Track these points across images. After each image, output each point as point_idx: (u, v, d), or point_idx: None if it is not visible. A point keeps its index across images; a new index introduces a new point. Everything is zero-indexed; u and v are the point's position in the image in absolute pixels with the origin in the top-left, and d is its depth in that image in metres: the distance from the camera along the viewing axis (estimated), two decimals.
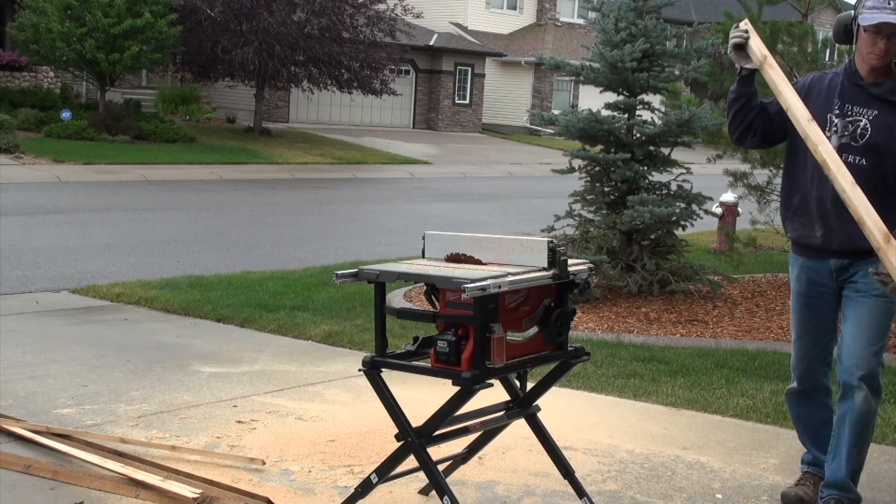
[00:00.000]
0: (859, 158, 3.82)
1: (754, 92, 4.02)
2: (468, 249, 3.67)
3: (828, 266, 3.98)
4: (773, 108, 3.98)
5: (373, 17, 26.06)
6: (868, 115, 3.84)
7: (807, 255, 4.04)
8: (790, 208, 4.05)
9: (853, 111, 3.85)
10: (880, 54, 3.74)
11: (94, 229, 12.37)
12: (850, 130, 3.84)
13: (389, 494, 4.09)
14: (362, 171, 23.40)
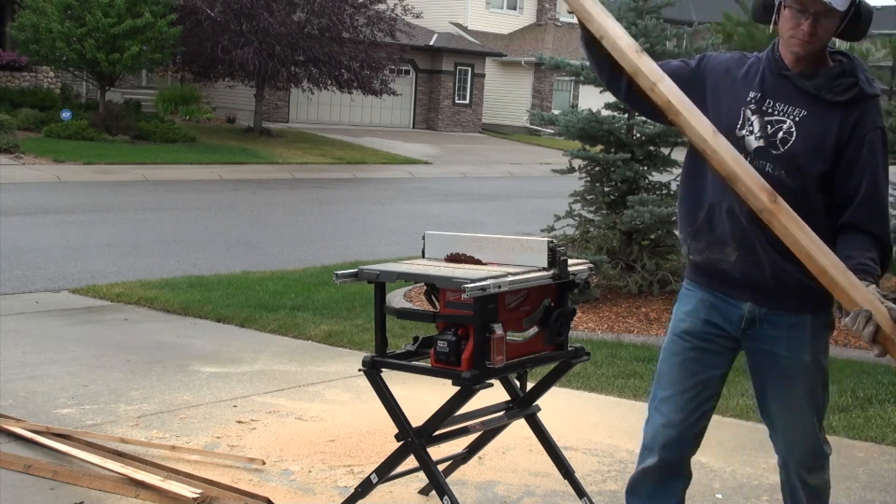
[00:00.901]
0: (778, 170, 2.89)
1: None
2: (468, 249, 3.67)
3: (739, 311, 3.01)
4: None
5: (373, 17, 26.05)
6: (794, 116, 2.93)
7: (714, 287, 3.05)
8: (692, 224, 3.05)
9: (775, 108, 2.95)
10: (804, 38, 2.83)
11: (94, 229, 12.37)
12: (770, 132, 2.93)
13: (389, 494, 4.09)
14: (362, 171, 23.40)
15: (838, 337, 7.25)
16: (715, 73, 3.04)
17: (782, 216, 2.72)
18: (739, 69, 3.04)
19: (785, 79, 2.95)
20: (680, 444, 3.09)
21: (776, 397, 3.09)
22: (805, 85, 2.92)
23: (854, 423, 5.23)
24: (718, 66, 3.06)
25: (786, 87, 2.95)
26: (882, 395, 5.76)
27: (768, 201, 2.73)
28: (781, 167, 2.91)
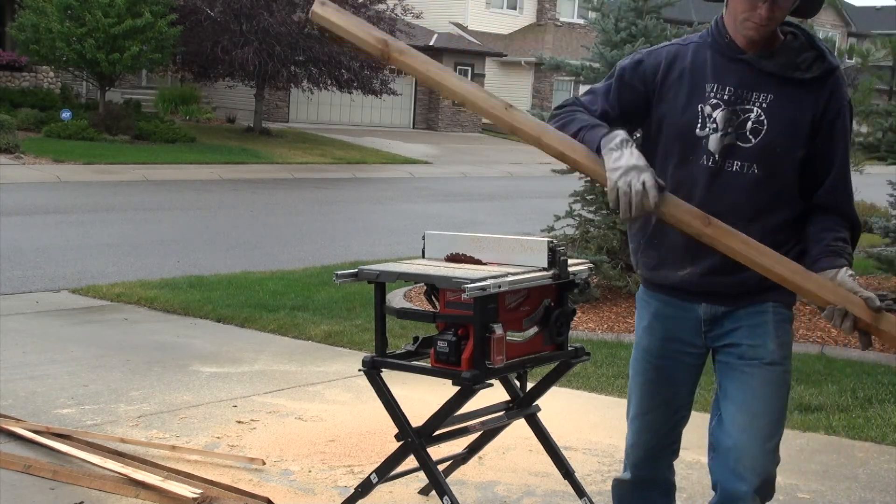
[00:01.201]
0: (749, 165, 2.65)
1: None
2: (468, 249, 3.67)
3: (695, 314, 2.79)
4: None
5: (373, 17, 26.03)
6: (760, 102, 2.65)
7: (665, 294, 2.84)
8: (644, 235, 2.83)
9: (738, 97, 2.66)
10: (760, 22, 2.57)
11: (94, 229, 12.37)
12: (737, 125, 2.65)
13: (389, 494, 4.09)
14: (362, 171, 23.40)
15: (838, 337, 7.26)
16: (653, 75, 2.74)
17: (722, 237, 2.55)
18: (683, 61, 2.73)
19: (741, 62, 2.66)
20: (652, 462, 3.00)
21: (736, 395, 2.76)
22: (766, 66, 2.64)
23: (854, 423, 5.23)
24: (654, 67, 2.75)
25: (744, 71, 2.66)
26: (882, 395, 5.76)
27: (702, 225, 2.53)
28: (754, 161, 2.65)
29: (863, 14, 50.09)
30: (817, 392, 5.77)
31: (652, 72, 2.76)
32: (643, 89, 2.76)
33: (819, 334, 7.34)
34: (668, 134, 2.74)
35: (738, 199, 2.66)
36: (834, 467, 4.65)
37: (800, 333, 7.27)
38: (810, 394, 5.74)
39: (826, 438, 5.05)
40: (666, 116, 2.74)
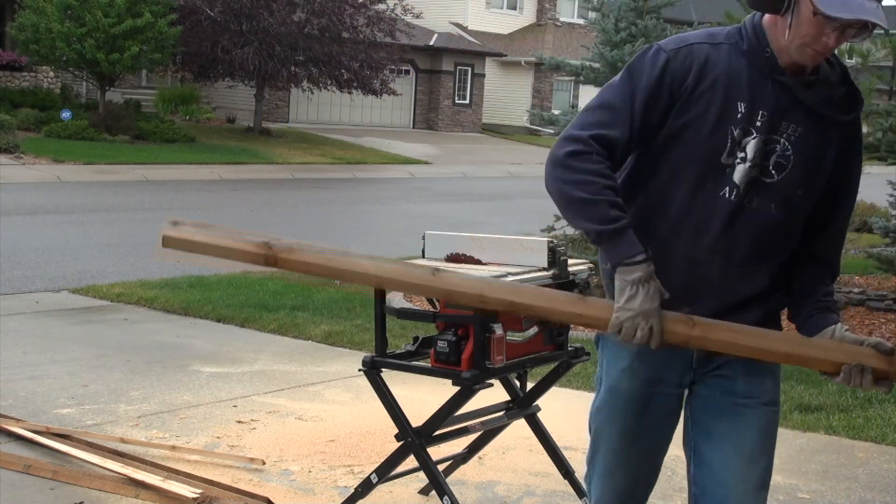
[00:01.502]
0: (768, 203, 2.35)
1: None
2: (468, 249, 3.67)
3: (687, 352, 2.45)
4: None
5: (373, 17, 26.05)
6: (789, 134, 2.34)
7: None
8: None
9: (771, 125, 2.32)
10: (823, 52, 2.26)
11: (94, 229, 12.37)
12: (762, 156, 2.33)
13: (389, 494, 4.09)
14: (362, 171, 23.40)
15: None
16: (681, 81, 2.33)
17: (711, 332, 2.31)
18: (715, 68, 2.32)
19: (779, 85, 2.32)
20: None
21: (728, 438, 2.46)
22: (804, 96, 2.32)
23: (854, 423, 5.23)
24: (683, 72, 2.32)
25: (780, 95, 2.32)
26: (882, 395, 5.75)
27: (689, 329, 2.29)
28: (773, 199, 2.35)
29: None
30: (817, 392, 5.77)
31: (681, 77, 2.32)
32: (668, 102, 2.33)
33: None
34: (685, 155, 2.34)
35: (755, 240, 2.37)
36: (834, 467, 4.65)
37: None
38: (810, 394, 5.74)
39: (826, 438, 5.05)
40: (686, 133, 2.33)
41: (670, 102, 2.33)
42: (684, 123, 2.33)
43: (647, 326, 2.25)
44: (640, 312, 2.25)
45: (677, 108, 2.32)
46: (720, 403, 2.48)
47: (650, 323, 2.25)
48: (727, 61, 2.33)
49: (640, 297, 2.25)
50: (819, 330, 2.42)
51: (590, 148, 2.30)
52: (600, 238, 2.30)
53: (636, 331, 2.25)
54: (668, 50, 2.35)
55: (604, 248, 2.33)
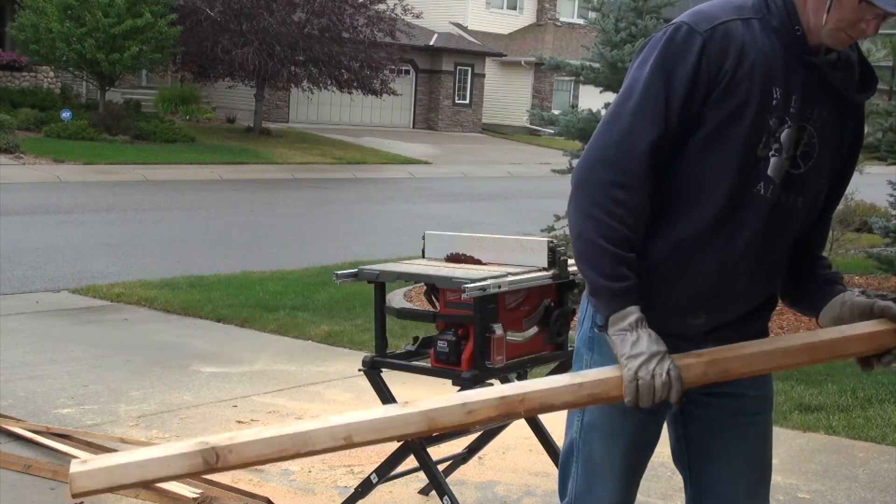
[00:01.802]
0: (795, 197, 2.15)
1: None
2: (468, 249, 3.67)
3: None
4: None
5: (373, 17, 26.05)
6: (815, 119, 2.13)
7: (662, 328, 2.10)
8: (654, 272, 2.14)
9: (803, 111, 2.11)
10: (857, 37, 2.07)
11: (94, 229, 12.37)
12: (795, 146, 2.11)
13: (389, 494, 4.09)
14: (362, 171, 23.40)
15: None
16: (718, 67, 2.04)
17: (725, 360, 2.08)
18: (752, 46, 2.05)
19: (811, 68, 2.10)
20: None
21: (734, 459, 2.28)
22: (834, 78, 2.12)
23: (854, 423, 5.23)
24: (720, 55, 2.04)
25: (811, 79, 2.10)
26: (882, 395, 5.76)
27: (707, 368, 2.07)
28: (799, 193, 2.14)
29: None
30: (817, 392, 5.77)
31: (718, 62, 2.04)
32: (706, 92, 2.05)
33: None
34: (723, 151, 2.06)
35: (786, 238, 2.19)
36: (834, 467, 4.65)
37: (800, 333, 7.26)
38: (810, 394, 5.74)
39: (826, 438, 5.05)
40: (726, 127, 2.06)
41: (707, 92, 2.05)
42: (724, 115, 2.05)
43: (664, 371, 1.99)
44: (651, 354, 2.00)
45: (714, 99, 2.05)
46: (726, 424, 2.27)
47: (666, 366, 2.00)
48: (761, 40, 2.07)
49: (645, 339, 2.03)
50: (827, 302, 2.24)
51: (623, 178, 2.04)
52: (597, 292, 2.09)
53: (654, 379, 1.99)
54: (703, 31, 2.04)
55: (597, 300, 2.11)
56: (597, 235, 2.05)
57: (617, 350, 2.04)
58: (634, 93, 2.07)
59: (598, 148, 2.09)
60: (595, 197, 2.06)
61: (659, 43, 2.08)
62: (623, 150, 2.05)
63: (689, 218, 2.11)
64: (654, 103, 2.05)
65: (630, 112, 2.07)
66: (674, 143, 2.09)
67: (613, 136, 2.07)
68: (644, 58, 2.10)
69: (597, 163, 2.08)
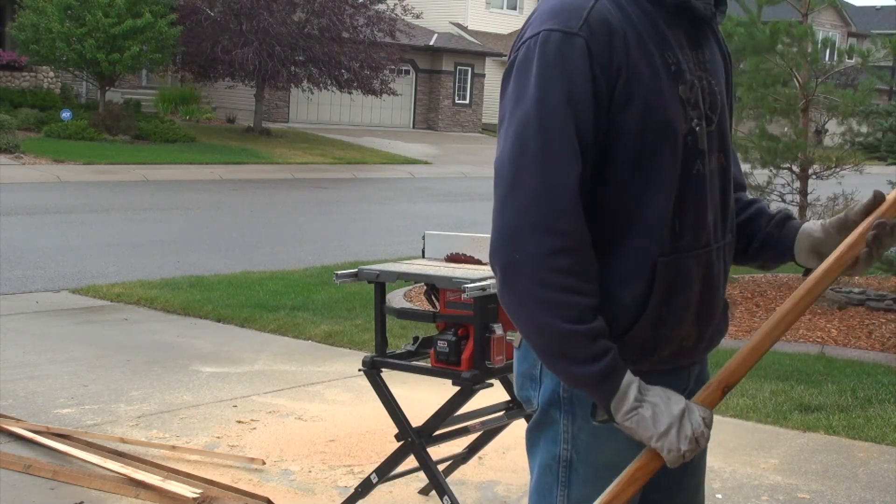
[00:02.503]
0: (721, 156, 1.85)
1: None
2: (468, 249, 3.67)
3: (683, 381, 1.89)
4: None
5: (373, 17, 26.07)
6: (705, 61, 1.84)
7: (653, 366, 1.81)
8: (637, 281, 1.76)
9: (697, 62, 1.81)
10: None
11: (94, 229, 12.37)
12: (704, 102, 1.79)
13: (389, 494, 4.09)
14: (362, 171, 23.40)
15: (838, 337, 7.26)
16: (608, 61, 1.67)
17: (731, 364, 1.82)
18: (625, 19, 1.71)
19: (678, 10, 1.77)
20: None
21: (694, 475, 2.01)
22: (697, 9, 1.79)
23: (854, 423, 5.23)
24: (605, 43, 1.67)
25: (684, 22, 1.80)
26: (882, 395, 5.76)
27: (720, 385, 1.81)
28: (721, 150, 1.85)
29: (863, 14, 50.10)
30: (817, 392, 5.77)
31: (607, 61, 1.67)
32: (608, 100, 1.69)
33: (819, 334, 7.34)
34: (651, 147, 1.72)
35: (724, 207, 1.89)
36: (834, 467, 4.65)
37: (800, 333, 7.27)
38: (810, 394, 5.74)
39: (826, 438, 5.05)
40: (643, 121, 1.71)
41: (610, 99, 1.68)
42: (638, 112, 1.69)
43: (698, 425, 1.71)
44: (677, 418, 1.70)
45: (619, 102, 1.68)
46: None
47: (696, 418, 1.71)
48: (626, 6, 1.72)
49: (661, 405, 1.71)
50: (794, 238, 1.95)
51: (559, 242, 1.67)
52: (580, 382, 1.71)
53: (696, 441, 1.70)
54: (577, 30, 1.66)
55: (586, 391, 1.73)
56: (558, 320, 1.66)
57: (640, 435, 1.70)
58: (527, 136, 1.68)
59: (514, 215, 1.73)
60: (535, 276, 1.67)
61: (530, 66, 1.68)
62: (546, 206, 1.67)
63: (646, 234, 1.75)
64: (558, 139, 1.66)
65: (533, 160, 1.68)
66: (595, 168, 1.72)
67: (526, 195, 1.70)
68: (516, 92, 1.70)
69: (520, 234, 1.71)
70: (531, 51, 1.68)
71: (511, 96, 1.72)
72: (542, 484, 1.87)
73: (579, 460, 1.83)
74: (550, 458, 1.85)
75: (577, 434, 1.82)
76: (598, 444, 1.81)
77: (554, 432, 1.84)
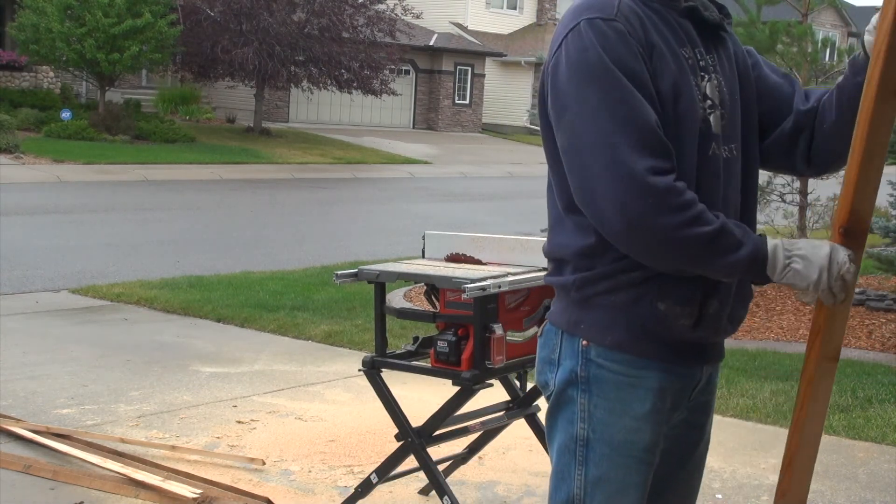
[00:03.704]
0: (732, 147, 2.00)
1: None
2: (468, 249, 3.67)
3: (697, 377, 2.02)
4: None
5: (373, 17, 26.07)
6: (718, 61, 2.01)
7: (667, 360, 1.94)
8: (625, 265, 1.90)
9: (708, 59, 1.99)
10: None
11: (94, 229, 12.37)
12: (717, 95, 1.96)
13: (389, 494, 4.09)
14: (362, 171, 23.40)
15: None
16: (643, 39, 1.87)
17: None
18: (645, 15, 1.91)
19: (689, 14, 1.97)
20: None
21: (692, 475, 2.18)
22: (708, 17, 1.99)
23: (854, 423, 5.23)
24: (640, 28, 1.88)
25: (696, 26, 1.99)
26: (882, 395, 5.76)
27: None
28: (733, 140, 2.00)
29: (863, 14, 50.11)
30: None
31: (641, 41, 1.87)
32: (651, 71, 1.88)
33: None
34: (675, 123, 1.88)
35: (737, 192, 2.03)
36: (834, 467, 4.65)
37: (800, 333, 7.27)
38: None
39: (826, 438, 5.04)
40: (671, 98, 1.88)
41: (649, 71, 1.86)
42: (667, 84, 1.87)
43: (844, 260, 1.84)
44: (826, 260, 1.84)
45: (654, 73, 1.87)
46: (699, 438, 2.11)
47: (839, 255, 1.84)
48: (643, 6, 1.92)
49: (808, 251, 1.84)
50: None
51: (663, 163, 1.81)
52: (740, 266, 1.84)
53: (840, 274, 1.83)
54: (613, 16, 1.85)
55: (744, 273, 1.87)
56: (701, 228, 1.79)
57: (800, 286, 1.85)
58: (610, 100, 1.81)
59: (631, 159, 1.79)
60: (672, 202, 1.79)
61: (584, 48, 1.83)
62: (645, 147, 1.79)
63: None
64: (632, 95, 1.81)
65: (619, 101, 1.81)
66: None
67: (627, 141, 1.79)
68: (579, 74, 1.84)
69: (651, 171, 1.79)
70: (582, 34, 1.85)
71: (574, 78, 1.85)
72: (560, 465, 1.98)
73: (596, 438, 1.93)
74: (568, 439, 1.96)
75: (594, 412, 1.93)
76: (614, 420, 1.91)
77: (571, 412, 1.96)
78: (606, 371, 1.91)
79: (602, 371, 1.90)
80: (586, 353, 1.94)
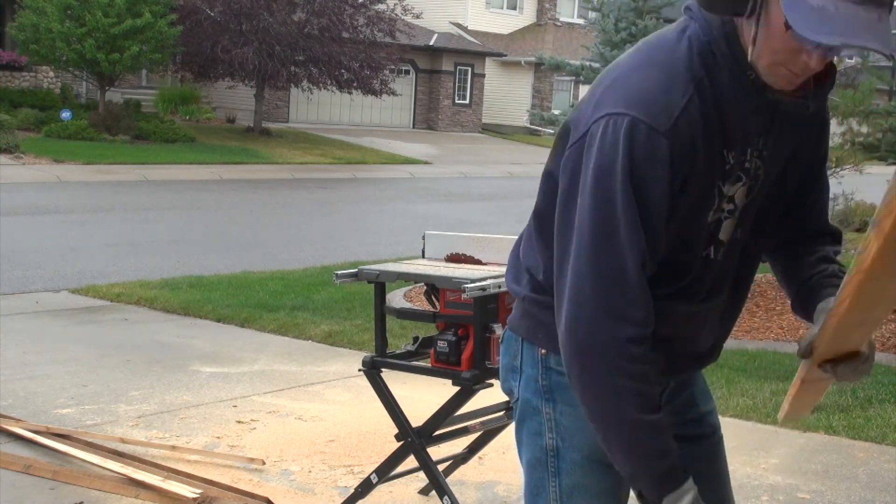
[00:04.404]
0: (741, 231, 1.87)
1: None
2: (468, 249, 3.67)
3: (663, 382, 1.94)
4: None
5: (373, 17, 26.06)
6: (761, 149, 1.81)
7: None
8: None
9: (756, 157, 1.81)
10: (802, 73, 1.68)
11: (94, 229, 12.37)
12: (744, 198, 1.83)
13: (389, 494, 4.09)
14: (362, 171, 23.40)
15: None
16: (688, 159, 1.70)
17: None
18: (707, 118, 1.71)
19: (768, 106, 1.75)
20: None
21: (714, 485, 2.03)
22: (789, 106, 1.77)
23: (854, 423, 5.23)
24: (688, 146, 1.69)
25: (768, 116, 1.78)
26: (882, 395, 5.76)
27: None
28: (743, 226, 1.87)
29: None
30: None
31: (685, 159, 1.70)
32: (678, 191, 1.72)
33: None
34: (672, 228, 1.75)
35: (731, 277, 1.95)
36: (834, 467, 4.65)
37: (799, 333, 7.27)
38: None
39: (826, 438, 5.05)
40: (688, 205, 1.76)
41: (678, 190, 1.72)
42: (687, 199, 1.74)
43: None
44: None
45: (678, 190, 1.72)
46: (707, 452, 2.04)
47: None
48: (712, 106, 1.71)
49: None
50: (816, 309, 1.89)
51: (636, 331, 1.69)
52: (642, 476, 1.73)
53: None
54: (665, 130, 1.66)
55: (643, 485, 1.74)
56: (634, 410, 1.69)
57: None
58: (613, 217, 1.68)
59: (595, 295, 1.69)
60: (613, 363, 1.69)
61: (617, 147, 1.67)
62: (627, 296, 1.69)
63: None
64: (635, 228, 1.68)
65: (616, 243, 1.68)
66: None
67: (608, 276, 1.69)
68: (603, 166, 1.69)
69: (602, 316, 1.69)
70: (619, 136, 1.67)
71: (593, 166, 1.70)
72: (534, 480, 1.92)
73: (565, 447, 1.88)
74: (539, 451, 1.90)
75: (560, 420, 1.87)
76: (582, 427, 1.82)
77: (537, 423, 1.90)
78: (567, 378, 1.79)
79: (563, 378, 1.81)
80: (545, 362, 1.89)
